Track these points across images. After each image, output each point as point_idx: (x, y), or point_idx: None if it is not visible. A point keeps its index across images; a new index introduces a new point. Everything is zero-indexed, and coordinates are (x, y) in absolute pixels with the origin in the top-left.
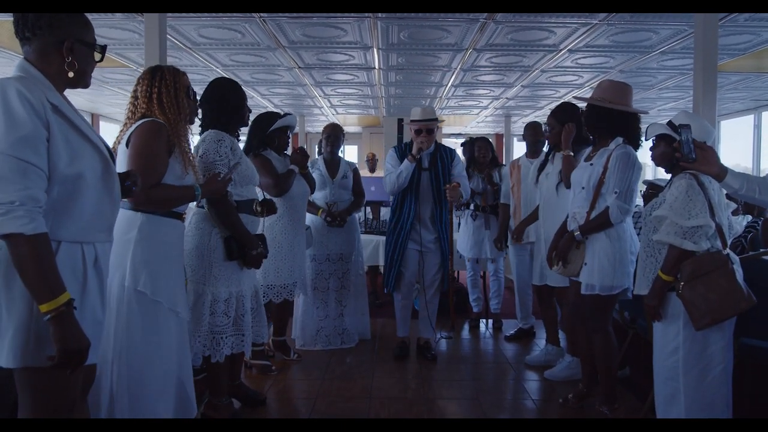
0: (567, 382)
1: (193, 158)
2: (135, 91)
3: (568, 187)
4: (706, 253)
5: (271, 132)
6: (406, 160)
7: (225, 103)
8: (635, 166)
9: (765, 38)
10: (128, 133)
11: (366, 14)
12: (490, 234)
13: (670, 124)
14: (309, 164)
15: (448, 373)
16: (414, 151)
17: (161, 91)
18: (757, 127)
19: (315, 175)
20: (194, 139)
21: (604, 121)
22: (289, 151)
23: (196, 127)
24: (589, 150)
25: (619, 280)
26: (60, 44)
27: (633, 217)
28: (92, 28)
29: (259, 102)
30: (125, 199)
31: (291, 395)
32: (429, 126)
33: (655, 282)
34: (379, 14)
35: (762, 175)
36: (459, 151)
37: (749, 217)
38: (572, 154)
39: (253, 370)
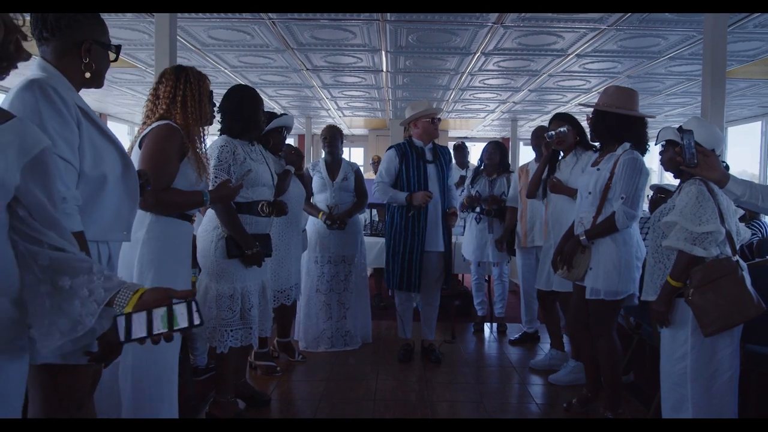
0: (571, 386)
1: (206, 163)
2: (156, 90)
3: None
4: (715, 260)
5: (266, 132)
6: (403, 196)
7: (240, 111)
8: (642, 172)
9: None
10: (143, 134)
11: (375, 17)
12: (493, 238)
13: (680, 129)
14: (311, 166)
15: (451, 376)
16: (419, 202)
17: (186, 94)
18: (765, 133)
19: (316, 177)
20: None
21: (611, 127)
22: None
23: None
24: (595, 156)
25: (624, 286)
26: (78, 45)
27: (639, 222)
28: (107, 28)
29: (266, 103)
30: None
31: (295, 396)
32: (439, 115)
33: (664, 288)
34: (388, 17)
35: None
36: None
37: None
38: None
39: (258, 371)
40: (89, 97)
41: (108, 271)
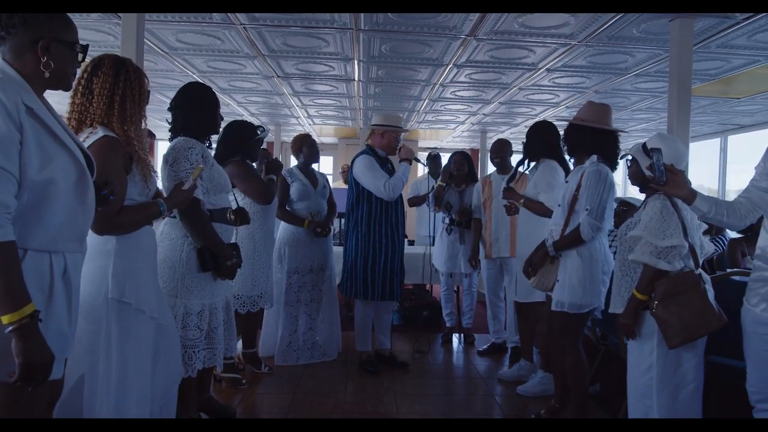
0: (539, 397)
1: (151, 165)
2: (89, 82)
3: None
4: (679, 273)
5: (254, 143)
6: (404, 163)
7: (198, 109)
8: (606, 184)
9: (735, 65)
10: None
11: (348, 26)
12: (465, 248)
13: (644, 146)
14: (287, 174)
15: (420, 387)
16: (410, 156)
17: (125, 94)
18: (723, 150)
19: (296, 185)
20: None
21: (580, 140)
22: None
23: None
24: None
25: (588, 299)
26: (35, 43)
27: (609, 236)
28: (74, 27)
29: (234, 110)
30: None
31: (261, 410)
32: (406, 132)
33: (630, 301)
34: (362, 26)
35: (727, 197)
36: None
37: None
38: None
39: (223, 384)
40: (57, 104)
41: None
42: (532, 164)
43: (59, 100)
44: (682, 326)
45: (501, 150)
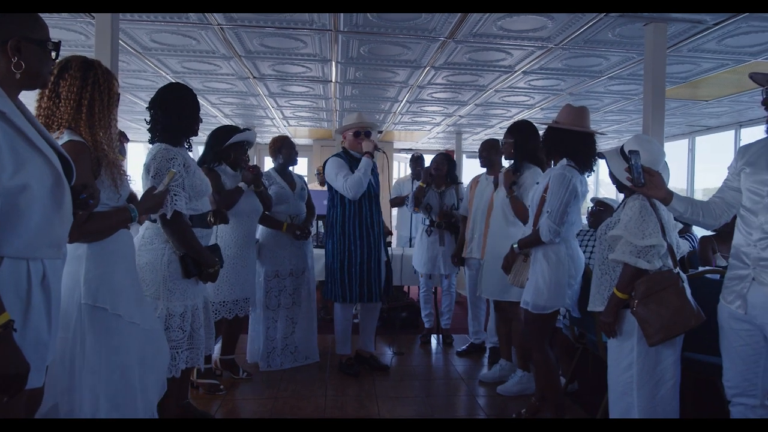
0: (519, 396)
1: (123, 169)
2: (56, 85)
3: (525, 222)
4: (658, 272)
5: (227, 146)
6: (364, 158)
7: (181, 111)
8: (568, 188)
9: (705, 68)
10: None
11: (327, 27)
12: (445, 250)
13: (621, 149)
14: (264, 178)
15: (401, 390)
16: (370, 149)
17: (94, 98)
18: (691, 150)
19: (274, 188)
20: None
21: (557, 143)
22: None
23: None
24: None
25: (551, 302)
26: (4, 44)
27: (579, 236)
28: (43, 23)
29: (208, 111)
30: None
31: (241, 416)
32: (369, 129)
33: (611, 299)
34: (342, 27)
35: (695, 196)
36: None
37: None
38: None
39: (200, 390)
40: (28, 102)
41: None
42: (510, 162)
43: (31, 102)
44: (662, 324)
45: (485, 150)
